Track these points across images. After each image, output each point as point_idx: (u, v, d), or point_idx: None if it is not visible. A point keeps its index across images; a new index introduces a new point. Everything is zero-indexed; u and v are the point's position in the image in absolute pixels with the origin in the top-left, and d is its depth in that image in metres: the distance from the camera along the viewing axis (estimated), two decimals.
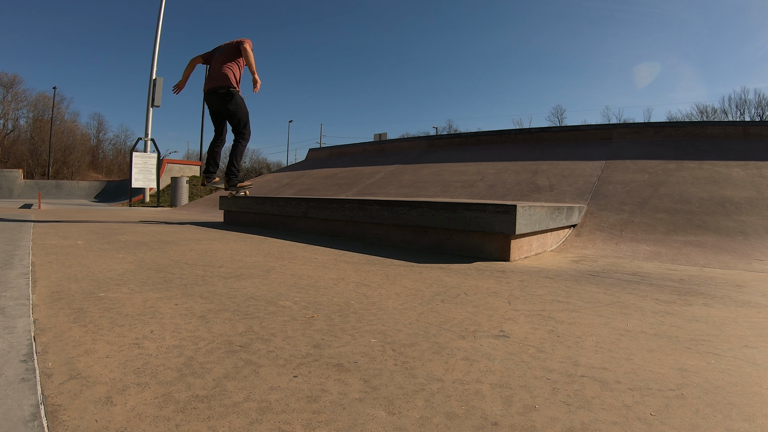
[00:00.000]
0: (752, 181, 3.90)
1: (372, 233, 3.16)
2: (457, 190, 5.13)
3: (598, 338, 1.13)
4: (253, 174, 50.36)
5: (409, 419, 0.70)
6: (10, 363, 0.87)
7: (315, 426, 0.68)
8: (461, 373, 0.89)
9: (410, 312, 1.34)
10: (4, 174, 20.45)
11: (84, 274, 1.78)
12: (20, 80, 40.61)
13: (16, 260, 2.05)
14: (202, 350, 0.97)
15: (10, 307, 1.25)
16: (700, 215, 3.30)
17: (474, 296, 1.56)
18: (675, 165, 4.67)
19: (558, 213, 2.91)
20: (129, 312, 1.25)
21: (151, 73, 12.74)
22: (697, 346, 1.09)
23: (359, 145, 10.20)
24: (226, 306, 1.35)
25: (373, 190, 6.06)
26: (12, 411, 0.69)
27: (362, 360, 0.94)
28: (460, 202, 2.73)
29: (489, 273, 2.02)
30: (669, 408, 0.76)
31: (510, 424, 0.70)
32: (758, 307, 1.53)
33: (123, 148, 47.26)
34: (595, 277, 2.00)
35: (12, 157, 36.91)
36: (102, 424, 0.66)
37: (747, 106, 38.83)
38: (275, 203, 4.16)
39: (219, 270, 1.94)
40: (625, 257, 2.64)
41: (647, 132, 6.23)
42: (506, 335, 1.13)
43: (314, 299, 1.46)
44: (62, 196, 20.51)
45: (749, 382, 0.88)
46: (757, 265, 2.40)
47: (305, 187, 7.49)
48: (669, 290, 1.76)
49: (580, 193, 4.22)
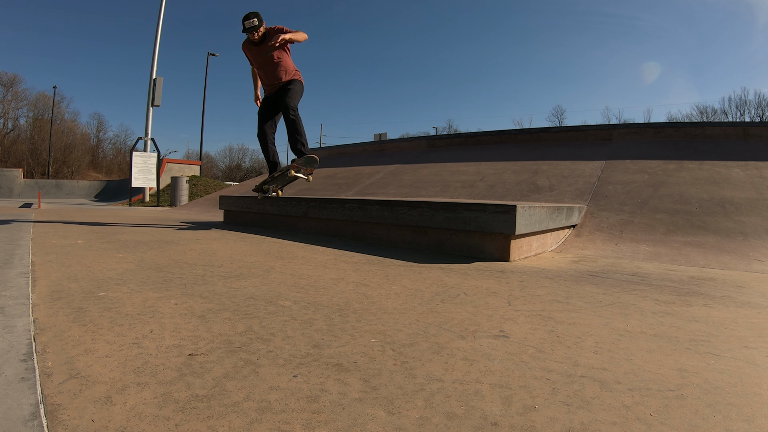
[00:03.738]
0: (752, 182, 3.90)
1: (372, 233, 3.16)
2: (457, 190, 5.13)
3: (597, 339, 1.13)
4: (253, 174, 50.35)
5: (408, 419, 0.70)
6: (10, 362, 0.86)
7: (314, 426, 0.68)
8: (461, 373, 0.89)
9: (410, 312, 1.34)
10: (4, 173, 20.45)
11: (84, 273, 1.78)
12: (20, 79, 40.64)
13: (15, 259, 2.05)
14: (202, 350, 0.97)
15: (9, 307, 1.25)
16: (700, 216, 3.30)
17: (474, 296, 1.56)
18: (675, 165, 4.67)
19: (558, 213, 2.91)
20: (129, 311, 1.25)
21: (151, 72, 12.74)
22: (696, 347, 1.09)
23: (359, 145, 10.19)
24: (226, 306, 1.35)
25: (373, 190, 6.06)
26: (12, 410, 0.68)
27: (362, 360, 0.94)
28: (460, 203, 2.73)
29: (489, 273, 2.02)
30: (668, 408, 0.76)
31: (510, 425, 0.70)
32: (758, 307, 1.53)
33: (123, 148, 47.28)
34: (595, 277, 2.00)
35: (12, 156, 36.90)
36: (102, 423, 0.66)
37: (747, 106, 38.87)
38: (275, 203, 4.16)
39: (219, 270, 1.94)
40: (624, 258, 2.64)
41: (647, 132, 6.23)
42: (506, 335, 1.13)
43: (314, 299, 1.46)
44: (62, 196, 20.50)
45: (749, 382, 0.88)
46: (756, 265, 2.40)
47: (305, 187, 7.49)
48: (669, 291, 1.76)
49: (580, 194, 4.22)
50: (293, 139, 3.69)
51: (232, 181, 46.13)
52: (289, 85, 3.79)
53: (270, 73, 3.80)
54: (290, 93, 3.73)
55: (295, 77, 3.85)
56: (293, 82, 3.82)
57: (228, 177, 54.85)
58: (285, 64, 3.80)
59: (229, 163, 61.56)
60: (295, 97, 3.75)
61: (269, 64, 3.76)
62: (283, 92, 3.76)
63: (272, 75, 3.80)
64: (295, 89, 3.77)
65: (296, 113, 3.68)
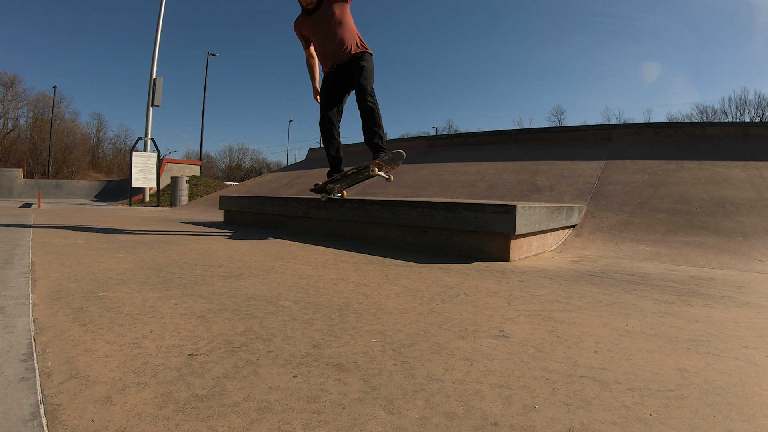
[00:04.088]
0: (752, 182, 3.90)
1: (372, 233, 3.16)
2: (457, 190, 5.13)
3: (597, 339, 1.13)
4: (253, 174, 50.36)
5: (408, 419, 0.70)
6: (10, 362, 0.86)
7: (314, 426, 0.68)
8: (461, 373, 0.89)
9: (410, 312, 1.34)
10: (4, 173, 20.44)
11: (84, 273, 1.78)
12: (20, 79, 40.67)
13: (15, 259, 2.05)
14: (202, 350, 0.97)
15: (9, 307, 1.25)
16: (700, 216, 3.30)
17: (474, 296, 1.56)
18: (675, 165, 4.67)
19: (558, 213, 2.91)
20: (129, 311, 1.25)
21: (151, 72, 12.74)
22: (696, 347, 1.09)
23: (359, 145, 10.18)
24: (226, 306, 1.35)
25: (373, 190, 6.06)
26: (12, 410, 0.68)
27: (362, 360, 0.94)
28: (460, 203, 2.73)
29: (489, 273, 2.01)
30: (668, 408, 0.76)
31: (509, 425, 0.70)
32: (758, 307, 1.53)
33: (123, 148, 47.32)
34: (595, 277, 2.00)
35: (12, 156, 36.90)
36: (101, 423, 0.66)
37: (747, 106, 38.91)
38: (275, 203, 4.16)
39: (219, 269, 1.94)
40: (624, 258, 2.64)
41: (647, 132, 6.23)
42: (506, 335, 1.13)
43: (314, 299, 1.46)
44: (62, 196, 20.50)
45: (749, 382, 0.88)
46: (756, 265, 2.40)
47: (305, 187, 7.49)
48: (669, 291, 1.76)
49: (580, 194, 4.22)
50: (370, 130, 3.06)
51: (232, 181, 46.13)
52: (361, 60, 3.10)
53: (332, 39, 3.10)
54: (365, 72, 3.07)
55: (364, 48, 3.17)
56: (365, 56, 3.13)
57: (228, 177, 54.88)
58: (350, 27, 3.13)
59: (229, 163, 61.63)
60: (371, 78, 3.11)
61: (331, 28, 3.08)
62: (355, 70, 3.09)
63: (336, 42, 3.09)
64: (368, 67, 3.11)
65: (375, 99, 3.05)
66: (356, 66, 3.10)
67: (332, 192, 3.39)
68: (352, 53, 3.12)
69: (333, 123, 3.26)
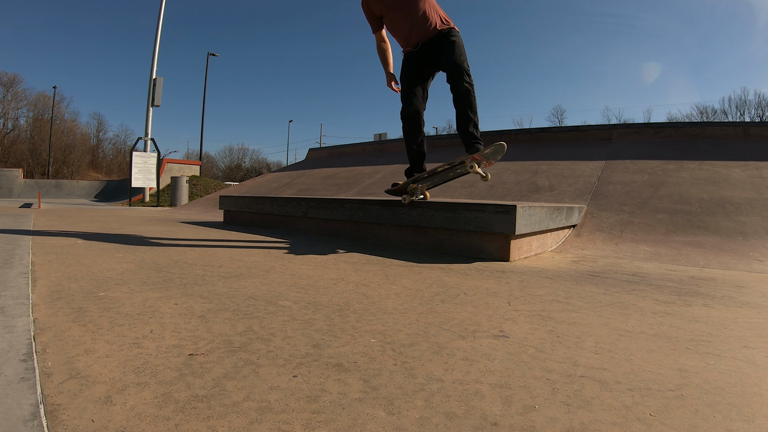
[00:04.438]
0: (752, 182, 3.90)
1: (372, 233, 3.16)
2: (457, 190, 5.13)
3: (597, 339, 1.13)
4: (253, 174, 50.35)
5: (408, 419, 0.70)
6: (10, 362, 0.86)
7: (314, 426, 0.68)
8: (461, 373, 0.89)
9: (410, 312, 1.34)
10: (4, 173, 20.44)
11: (84, 273, 1.78)
12: (20, 79, 40.71)
13: (15, 259, 2.05)
14: (202, 350, 0.97)
15: (9, 307, 1.25)
16: (700, 216, 3.30)
17: (474, 296, 1.56)
18: (675, 165, 4.67)
19: (558, 213, 2.91)
20: (129, 311, 1.25)
21: (151, 72, 12.74)
22: (696, 347, 1.09)
23: (359, 145, 10.19)
24: (226, 306, 1.35)
25: (373, 190, 6.06)
26: (11, 410, 0.68)
27: (362, 360, 0.94)
28: (460, 202, 2.73)
29: (489, 273, 2.01)
30: (668, 408, 0.76)
31: (509, 425, 0.70)
32: (758, 307, 1.53)
33: (123, 148, 47.34)
34: (595, 277, 2.00)
35: (12, 156, 36.91)
36: (101, 423, 0.66)
37: (747, 106, 38.92)
38: (275, 203, 4.16)
39: (218, 269, 1.94)
40: (624, 258, 2.64)
41: (647, 132, 6.23)
42: (506, 335, 1.13)
43: (314, 299, 1.46)
44: (62, 196, 20.50)
45: (749, 382, 0.88)
46: (756, 265, 2.40)
47: (305, 187, 7.49)
48: (669, 291, 1.76)
49: (579, 194, 4.22)
50: (465, 117, 2.61)
51: (232, 181, 46.16)
52: (450, 36, 2.69)
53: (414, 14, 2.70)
54: (457, 48, 2.65)
55: (450, 24, 2.77)
56: (452, 32, 2.72)
57: (228, 177, 54.89)
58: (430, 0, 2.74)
59: (229, 163, 61.65)
60: (464, 55, 2.67)
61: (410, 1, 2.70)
62: (444, 46, 2.68)
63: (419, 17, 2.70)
64: (459, 42, 2.68)
65: (472, 80, 2.61)
66: (445, 42, 2.69)
67: (414, 193, 2.87)
68: (438, 29, 2.72)
69: (419, 111, 2.83)
